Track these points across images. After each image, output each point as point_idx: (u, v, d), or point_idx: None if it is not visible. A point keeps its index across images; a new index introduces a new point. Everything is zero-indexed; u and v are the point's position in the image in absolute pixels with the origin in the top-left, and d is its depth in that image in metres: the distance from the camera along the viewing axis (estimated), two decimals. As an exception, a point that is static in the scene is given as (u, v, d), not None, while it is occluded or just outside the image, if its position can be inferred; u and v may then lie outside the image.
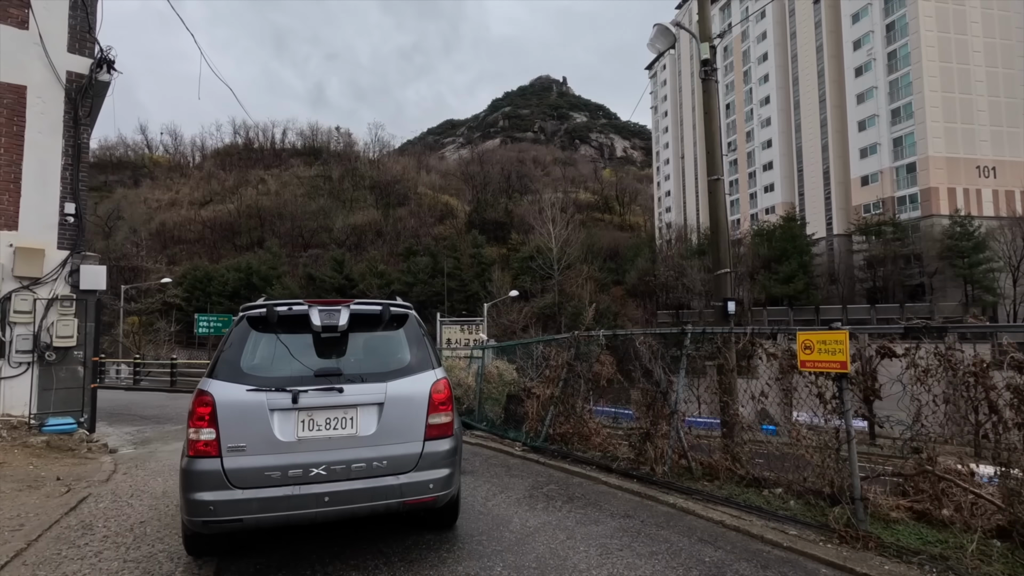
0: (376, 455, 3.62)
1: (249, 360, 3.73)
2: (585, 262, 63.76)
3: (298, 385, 3.59)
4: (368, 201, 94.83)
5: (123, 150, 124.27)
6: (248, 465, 3.39)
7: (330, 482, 3.48)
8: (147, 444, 8.85)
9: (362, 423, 3.66)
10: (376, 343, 4.10)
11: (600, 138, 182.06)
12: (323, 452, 3.54)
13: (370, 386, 3.73)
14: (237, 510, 3.34)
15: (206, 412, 3.43)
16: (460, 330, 13.78)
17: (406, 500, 3.63)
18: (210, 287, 68.08)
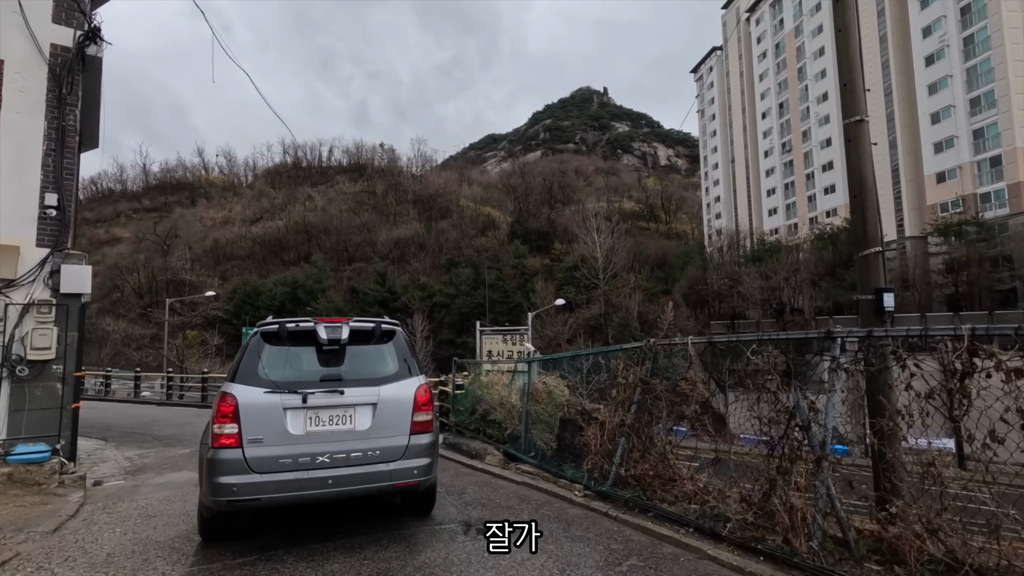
0: (371, 446, 4.43)
1: (264, 368, 4.48)
2: (632, 271, 61.34)
3: (307, 388, 4.41)
4: (411, 215, 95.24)
5: (182, 172, 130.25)
6: (265, 454, 4.15)
7: (333, 468, 4.28)
8: (139, 474, 7.59)
9: (359, 420, 4.50)
10: (370, 354, 4.89)
11: (643, 147, 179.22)
12: (327, 443, 4.33)
13: (366, 389, 4.57)
14: (256, 491, 4.07)
15: (230, 410, 4.17)
16: (502, 341, 12.20)
17: (395, 483, 4.43)
18: (258, 301, 69.15)
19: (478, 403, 8.58)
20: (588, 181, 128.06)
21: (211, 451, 4.16)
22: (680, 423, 5.52)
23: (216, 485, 4.07)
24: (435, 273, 69.42)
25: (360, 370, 4.77)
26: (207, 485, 4.16)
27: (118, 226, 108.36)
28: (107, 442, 10.82)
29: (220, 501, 4.08)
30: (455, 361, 9.81)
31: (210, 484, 4.11)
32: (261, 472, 4.13)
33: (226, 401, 4.26)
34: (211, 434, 4.21)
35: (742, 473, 4.47)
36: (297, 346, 4.70)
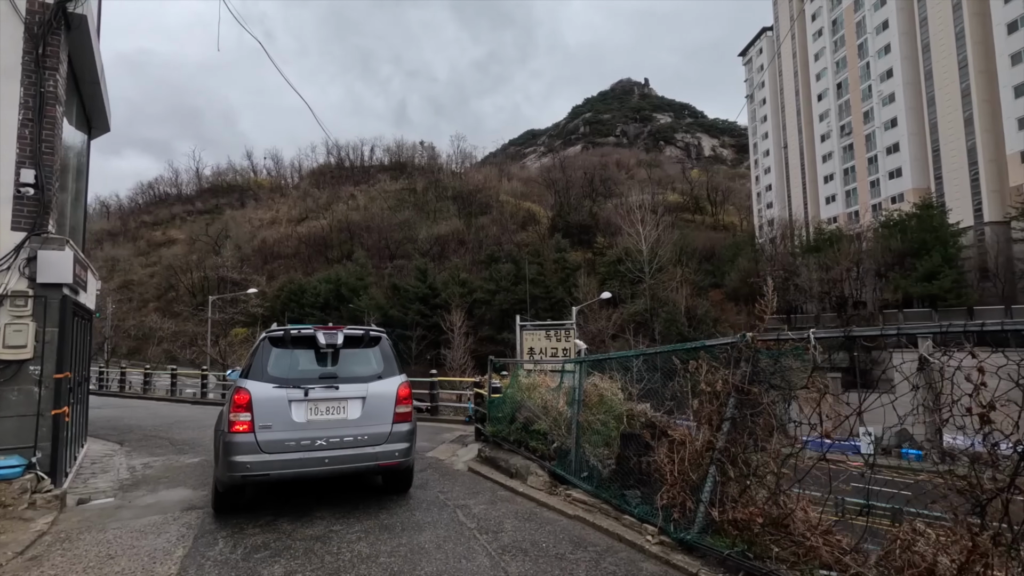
0: (360, 432, 5.50)
1: (272, 367, 5.52)
2: (678, 264, 58.75)
3: (308, 384, 5.47)
4: (451, 211, 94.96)
5: (232, 175, 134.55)
6: (274, 438, 5.16)
7: (329, 450, 5.32)
8: (133, 489, 6.65)
9: (351, 410, 5.59)
10: (360, 356, 6.01)
11: (686, 138, 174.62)
12: (325, 429, 5.38)
13: (356, 385, 5.67)
14: (266, 468, 5.05)
15: (244, 402, 5.17)
16: (545, 337, 10.85)
17: (380, 463, 5.55)
18: (303, 299, 70.12)
19: (518, 410, 7.27)
20: (630, 174, 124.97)
21: (227, 435, 5.03)
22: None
23: (232, 463, 4.95)
24: (475, 269, 68.62)
25: (352, 369, 5.79)
26: (224, 464, 5.01)
27: (173, 228, 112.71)
28: (122, 446, 10.10)
29: (236, 476, 4.97)
30: (491, 361, 8.51)
31: (227, 463, 4.97)
32: (270, 452, 5.07)
33: (240, 394, 5.18)
34: (227, 421, 5.09)
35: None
36: (299, 349, 5.74)
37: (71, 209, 9.64)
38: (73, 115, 8.66)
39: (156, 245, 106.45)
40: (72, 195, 9.79)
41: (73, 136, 9.29)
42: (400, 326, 56.29)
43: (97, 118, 10.16)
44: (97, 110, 9.76)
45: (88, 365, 9.83)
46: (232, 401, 5.21)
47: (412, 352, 53.02)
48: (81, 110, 9.48)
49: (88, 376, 9.82)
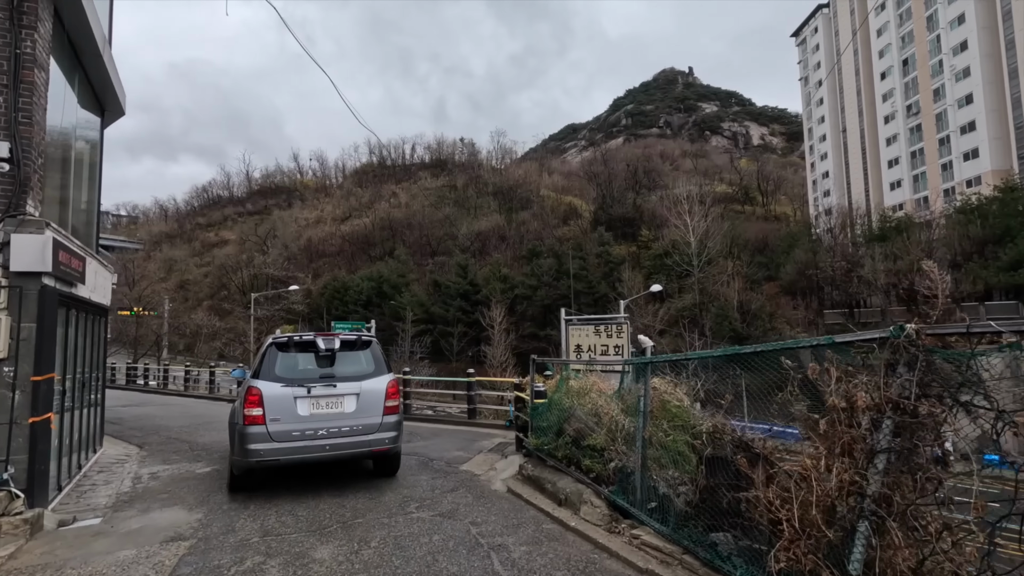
0: (355, 423, 6.41)
1: (279, 369, 6.43)
2: (729, 257, 55.97)
3: (310, 382, 6.39)
4: (491, 207, 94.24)
5: (279, 177, 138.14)
6: (282, 429, 6.07)
7: (329, 438, 6.23)
8: (126, 507, 5.80)
9: (347, 405, 6.47)
10: (354, 358, 6.95)
11: (733, 127, 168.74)
12: (325, 421, 6.28)
13: (352, 383, 6.58)
14: (276, 454, 5.98)
15: (256, 399, 6.08)
16: (594, 333, 9.58)
17: (372, 449, 6.49)
18: (347, 296, 70.76)
19: (567, 420, 6.06)
20: (675, 165, 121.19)
21: (243, 427, 5.97)
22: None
23: (247, 450, 5.92)
24: (516, 264, 67.56)
25: (347, 370, 6.68)
26: (240, 451, 5.98)
27: (225, 229, 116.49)
28: (140, 450, 9.47)
29: (251, 462, 5.95)
30: (534, 360, 7.32)
31: (242, 450, 5.94)
32: (279, 441, 6.02)
33: (253, 392, 6.12)
34: (242, 415, 6.04)
35: None
36: (301, 353, 6.64)
37: (84, 195, 8.99)
38: (76, 90, 7.93)
39: (210, 246, 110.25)
40: (86, 181, 9.15)
41: (83, 118, 8.61)
42: (441, 322, 55.86)
43: (109, 100, 9.48)
44: (107, 90, 9.06)
45: (101, 365, 9.18)
46: (246, 398, 6.14)
47: (453, 349, 52.45)
48: (89, 89, 8.78)
49: (102, 377, 9.17)
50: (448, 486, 6.53)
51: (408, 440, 9.98)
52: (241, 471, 6.29)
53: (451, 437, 10.26)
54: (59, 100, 7.17)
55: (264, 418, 6.03)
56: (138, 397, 20.65)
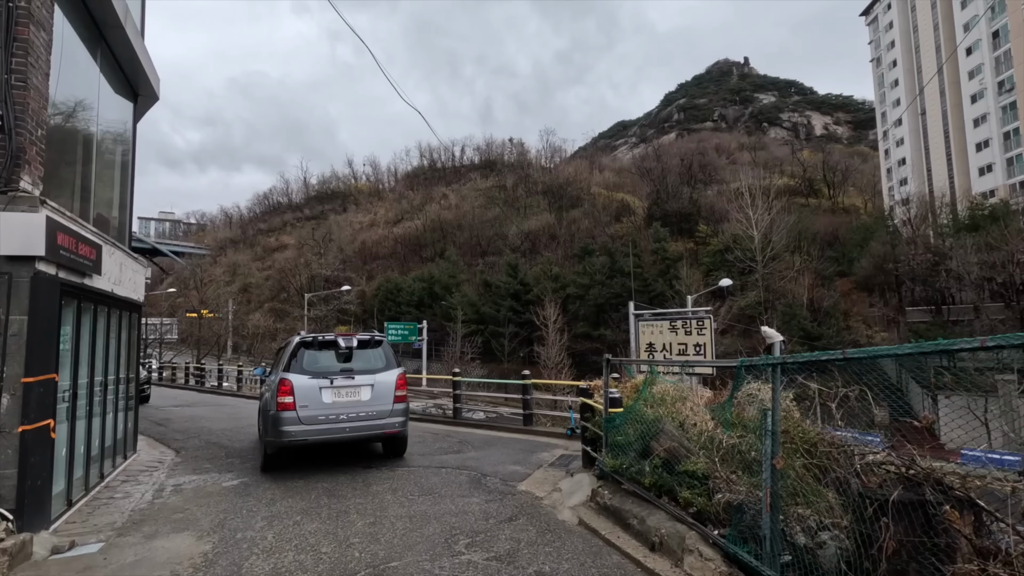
0: (371, 409, 7.62)
1: (306, 363, 7.63)
2: (796, 252, 52.41)
3: (332, 375, 7.59)
4: (541, 206, 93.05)
5: (335, 182, 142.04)
6: (310, 414, 7.24)
7: (349, 422, 7.44)
8: (132, 531, 4.97)
9: (363, 394, 7.66)
10: (369, 354, 8.11)
11: (793, 117, 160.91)
12: (345, 408, 7.47)
13: (367, 376, 7.79)
14: (305, 435, 7.17)
15: (288, 388, 7.23)
16: (670, 329, 8.20)
17: (384, 432, 7.73)
18: (399, 297, 71.33)
19: (655, 437, 4.78)
20: (731, 158, 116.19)
21: (277, 413, 7.20)
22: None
23: (281, 432, 7.15)
24: (567, 263, 66.01)
25: (363, 364, 7.97)
26: (274, 433, 7.24)
27: (284, 234, 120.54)
28: (177, 455, 8.87)
29: (284, 441, 7.20)
30: (607, 361, 6.08)
31: (276, 431, 7.20)
32: (307, 424, 7.25)
33: (285, 383, 7.34)
34: (276, 402, 7.24)
35: None
36: (325, 350, 7.92)
37: (114, 186, 8.42)
38: (98, 63, 7.29)
39: (270, 250, 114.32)
40: (117, 170, 8.59)
41: (109, 99, 8.01)
42: (492, 323, 55.13)
43: (142, 84, 8.88)
44: (138, 72, 8.44)
45: (134, 365, 8.59)
46: (279, 388, 7.23)
47: (504, 350, 51.56)
48: (118, 70, 8.17)
49: (134, 378, 8.58)
50: (505, 513, 5.40)
51: (458, 451, 8.92)
52: (274, 450, 7.51)
53: (506, 447, 9.14)
54: (77, 73, 6.51)
55: (295, 404, 7.22)
56: (193, 397, 20.70)
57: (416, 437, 10.18)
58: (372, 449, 8.89)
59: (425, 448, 9.14)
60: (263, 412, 8.08)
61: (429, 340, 50.41)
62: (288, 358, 7.75)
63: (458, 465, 7.75)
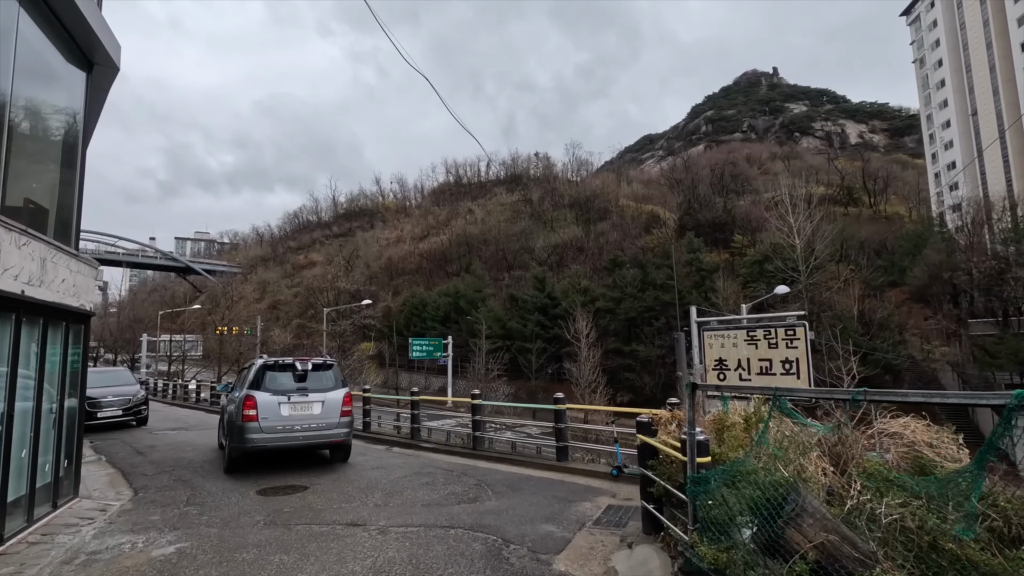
0: (320, 422, 9.01)
1: (267, 382, 9.02)
2: (841, 261, 49.24)
3: (290, 392, 8.97)
4: (568, 219, 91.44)
5: (363, 200, 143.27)
6: (270, 424, 8.62)
7: (303, 431, 8.84)
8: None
9: (315, 409, 9.05)
10: (321, 376, 9.46)
11: (827, 126, 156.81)
12: (300, 420, 8.86)
13: (318, 394, 9.17)
14: (266, 442, 8.56)
15: (252, 404, 8.66)
16: (747, 342, 6.19)
17: (331, 440, 9.18)
18: (424, 312, 70.13)
19: (794, 519, 2.77)
20: (763, 168, 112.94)
21: (242, 423, 8.61)
22: None
23: (245, 439, 8.55)
24: (596, 276, 63.78)
25: (316, 384, 9.33)
26: (239, 440, 8.64)
27: (313, 251, 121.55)
28: (135, 495, 7.20)
29: (247, 447, 8.60)
30: (692, 386, 4.01)
31: (241, 439, 8.59)
32: (268, 433, 8.64)
33: (250, 399, 8.73)
34: (242, 414, 8.65)
35: None
36: (284, 372, 9.27)
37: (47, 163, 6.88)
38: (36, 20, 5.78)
39: (299, 267, 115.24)
40: (54, 146, 7.06)
41: (41, 60, 6.50)
42: (519, 338, 53.16)
43: (96, 51, 7.38)
44: (89, 37, 6.93)
45: (74, 388, 6.96)
46: (244, 403, 8.76)
47: (532, 366, 49.44)
48: (64, 35, 6.69)
49: (75, 403, 6.94)
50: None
51: (474, 498, 6.99)
52: (238, 455, 8.81)
53: (535, 493, 7.19)
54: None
55: (258, 417, 8.59)
56: (197, 418, 19.30)
57: (425, 477, 8.31)
58: (359, 501, 7.04)
59: (433, 494, 7.25)
60: (228, 423, 9.45)
61: (454, 356, 48.64)
62: (253, 377, 9.24)
63: (472, 524, 5.83)
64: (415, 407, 11.93)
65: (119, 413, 15.53)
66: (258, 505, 6.80)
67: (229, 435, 9.14)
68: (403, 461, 9.93)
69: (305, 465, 9.66)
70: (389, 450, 11.47)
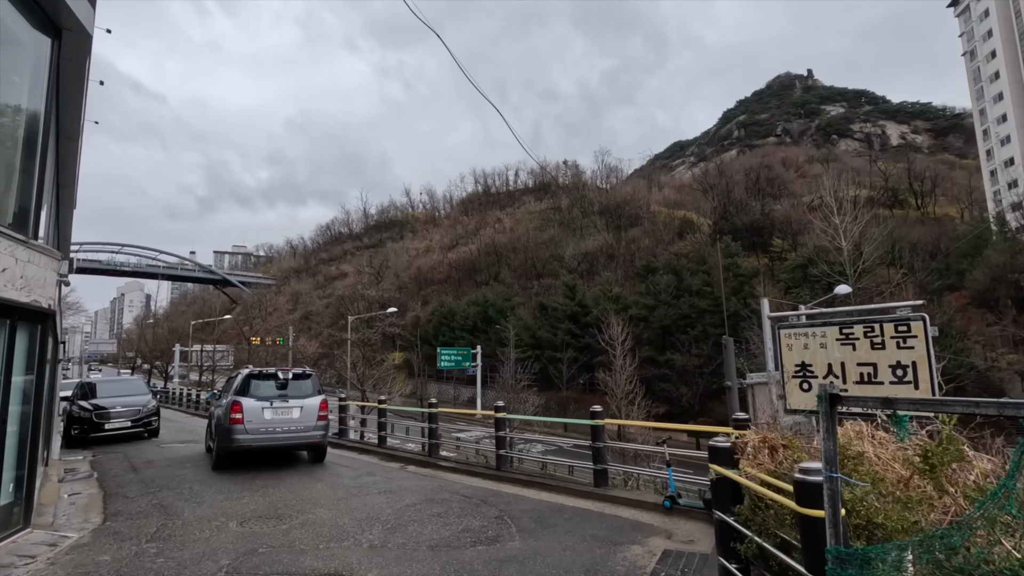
0: (299, 425, 10.10)
1: (252, 389, 10.01)
2: (891, 265, 46.28)
3: (272, 399, 10.04)
4: (598, 226, 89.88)
5: (393, 212, 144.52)
6: (254, 426, 9.75)
7: (283, 433, 10.00)
8: None
9: (295, 413, 10.12)
10: (300, 384, 10.52)
11: (866, 128, 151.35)
12: (281, 423, 9.99)
13: (298, 400, 10.21)
14: (250, 442, 9.70)
15: (239, 408, 9.71)
16: (841, 340, 4.66)
17: (308, 441, 10.30)
18: (453, 322, 69.38)
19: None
20: (800, 171, 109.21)
21: (229, 425, 9.65)
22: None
23: (232, 439, 9.59)
24: (628, 283, 61.84)
25: (296, 392, 10.36)
26: (226, 440, 9.69)
27: (345, 263, 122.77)
28: (103, 523, 6.10)
29: (234, 447, 9.64)
30: (828, 395, 2.58)
31: (228, 439, 9.63)
32: (252, 434, 9.68)
33: (236, 404, 9.75)
34: (229, 417, 9.68)
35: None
36: (267, 380, 10.32)
37: (10, 148, 5.94)
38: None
39: (331, 279, 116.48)
40: (19, 128, 6.12)
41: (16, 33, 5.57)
42: (549, 347, 51.65)
43: (61, 12, 6.45)
44: None
45: (33, 398, 5.93)
46: (231, 407, 9.74)
47: (563, 376, 47.81)
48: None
49: (34, 415, 5.91)
50: None
51: (494, 538, 5.63)
52: (226, 453, 9.94)
53: (570, 532, 5.79)
54: None
55: (243, 420, 9.75)
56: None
57: (438, 506, 7.00)
58: (351, 539, 5.77)
59: (444, 530, 5.92)
60: (217, 425, 10.49)
61: (483, 366, 47.43)
62: (239, 385, 10.25)
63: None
64: (432, 420, 10.67)
65: (128, 424, 14.78)
66: (231, 542, 5.63)
67: (217, 436, 10.27)
68: (416, 483, 8.66)
69: (308, 484, 8.50)
70: (403, 469, 10.24)
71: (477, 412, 17.62)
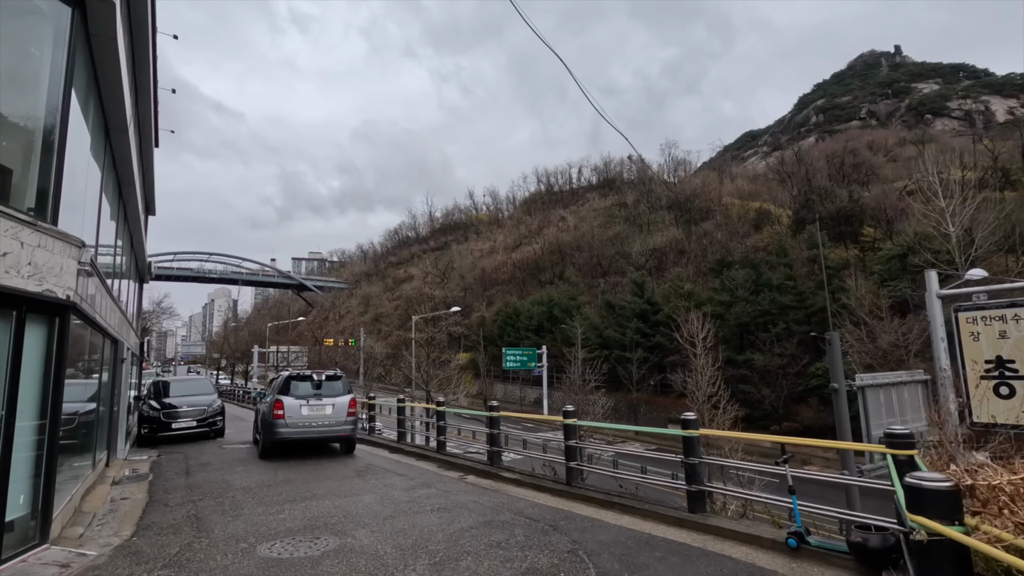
0: (332, 420, 11.70)
1: (292, 389, 11.66)
2: (1010, 251, 40.93)
3: (309, 397, 11.64)
4: (666, 221, 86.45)
5: (457, 214, 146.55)
6: (293, 421, 11.40)
7: (318, 427, 11.60)
8: None
9: (328, 410, 11.68)
10: (333, 384, 12.10)
11: (965, 104, 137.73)
12: (316, 418, 11.56)
13: (331, 398, 11.80)
14: (291, 434, 11.41)
15: (281, 405, 11.38)
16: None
17: (340, 434, 11.91)
18: (518, 322, 68.68)
19: None
20: (890, 155, 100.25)
21: (273, 420, 11.22)
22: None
23: (275, 432, 11.23)
24: (700, 279, 58.58)
25: (329, 391, 11.80)
26: (270, 433, 11.36)
27: (412, 265, 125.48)
28: (125, 542, 5.39)
29: (276, 439, 11.32)
30: None
31: (272, 432, 11.28)
32: (292, 428, 11.24)
33: (279, 402, 11.30)
34: (273, 413, 11.25)
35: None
36: (304, 381, 11.85)
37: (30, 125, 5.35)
38: None
39: (399, 281, 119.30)
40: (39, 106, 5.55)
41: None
42: (617, 347, 49.69)
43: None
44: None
45: (48, 398, 5.33)
46: (274, 404, 11.31)
47: (632, 377, 45.75)
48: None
49: (51, 419, 5.31)
50: None
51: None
52: (270, 444, 11.54)
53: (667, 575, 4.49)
54: None
55: (284, 415, 11.23)
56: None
57: (497, 531, 5.83)
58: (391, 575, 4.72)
59: (504, 568, 4.69)
60: (262, 421, 12.09)
61: (549, 366, 46.18)
62: (281, 385, 11.82)
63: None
64: (493, 425, 9.57)
65: (193, 424, 14.79)
66: (252, 572, 4.75)
67: (263, 429, 11.85)
68: (475, 499, 7.55)
69: (356, 497, 7.64)
70: (462, 479, 9.18)
71: (545, 414, 16.53)
